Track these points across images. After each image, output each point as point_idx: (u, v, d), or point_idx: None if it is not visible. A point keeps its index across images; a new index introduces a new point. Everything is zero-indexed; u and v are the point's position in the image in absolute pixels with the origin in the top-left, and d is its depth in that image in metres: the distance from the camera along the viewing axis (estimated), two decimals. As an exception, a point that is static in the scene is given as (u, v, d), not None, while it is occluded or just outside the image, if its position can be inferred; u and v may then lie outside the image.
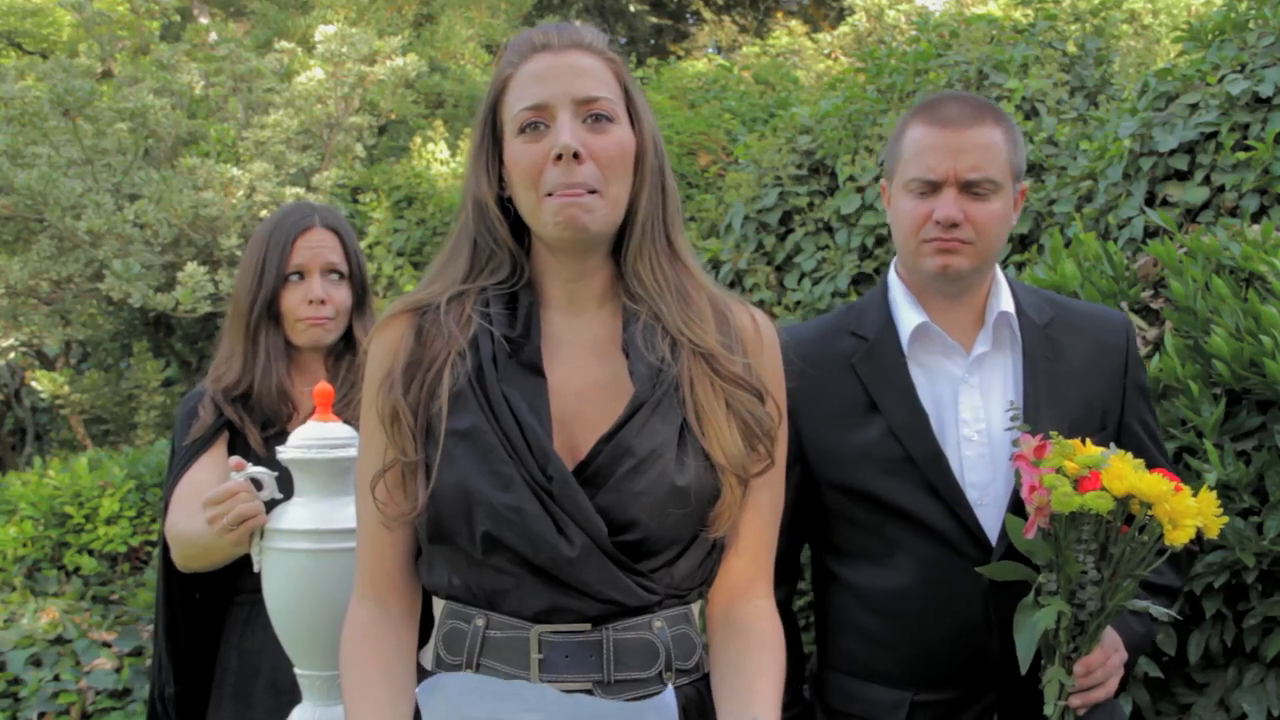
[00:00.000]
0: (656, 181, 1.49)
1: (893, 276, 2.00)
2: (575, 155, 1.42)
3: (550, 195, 1.43)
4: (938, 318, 1.94)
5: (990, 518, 1.88)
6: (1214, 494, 1.70)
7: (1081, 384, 1.92)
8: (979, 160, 1.85)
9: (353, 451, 1.82)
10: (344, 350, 2.38)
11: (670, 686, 1.44)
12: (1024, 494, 1.71)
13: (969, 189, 1.86)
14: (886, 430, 1.89)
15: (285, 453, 1.83)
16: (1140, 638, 1.94)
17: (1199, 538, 1.69)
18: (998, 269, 1.98)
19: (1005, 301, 1.95)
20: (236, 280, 2.39)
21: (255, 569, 1.86)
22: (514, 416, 1.43)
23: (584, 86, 1.42)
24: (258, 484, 1.87)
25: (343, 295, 2.35)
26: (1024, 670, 1.69)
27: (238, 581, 2.26)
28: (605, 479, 1.43)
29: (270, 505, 1.86)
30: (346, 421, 1.88)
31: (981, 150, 1.86)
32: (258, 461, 2.03)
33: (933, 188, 1.87)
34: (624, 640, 1.45)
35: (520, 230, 1.54)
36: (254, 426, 2.28)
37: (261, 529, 1.84)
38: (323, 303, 2.31)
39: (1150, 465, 1.75)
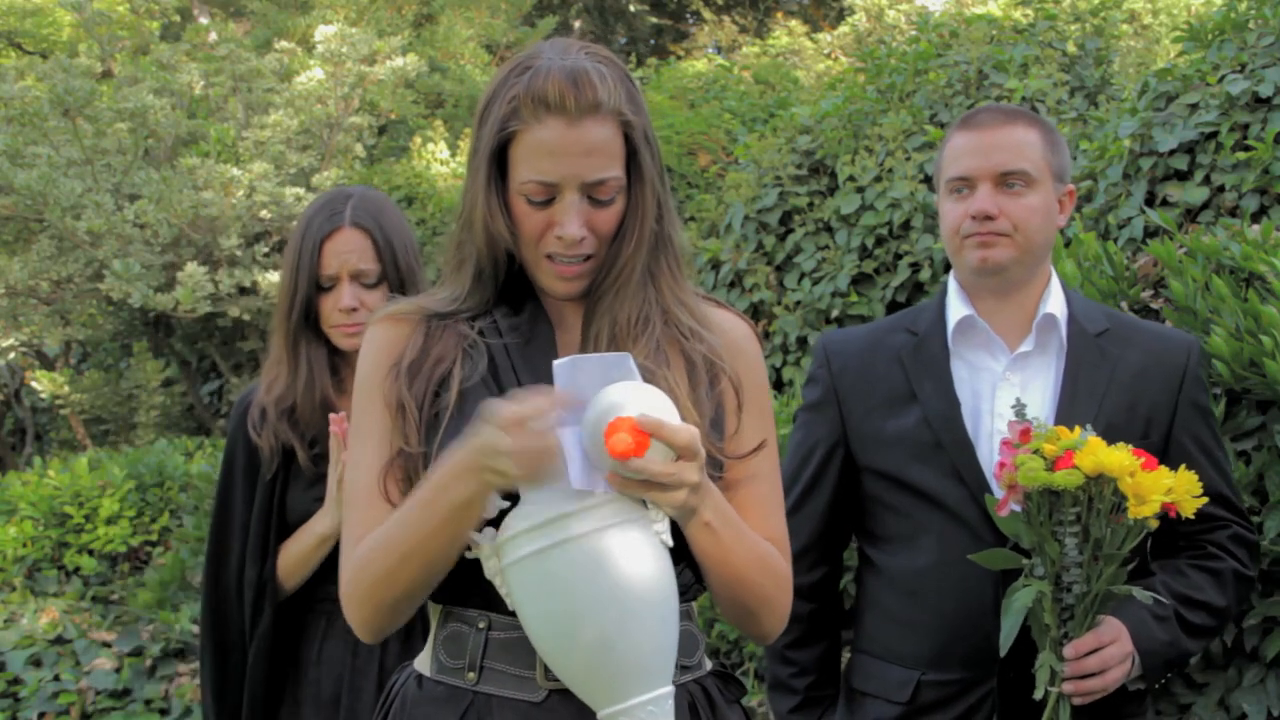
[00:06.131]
0: (649, 239, 1.48)
1: (951, 280, 2.08)
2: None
3: (550, 258, 1.47)
4: (987, 315, 2.01)
5: None
6: (1193, 475, 1.71)
7: (1126, 391, 1.96)
8: (1009, 156, 1.95)
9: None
10: None
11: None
12: (995, 472, 1.76)
13: (1003, 183, 1.95)
14: (922, 418, 1.97)
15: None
16: (1164, 645, 1.90)
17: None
18: (1054, 276, 2.04)
19: (1054, 306, 2.00)
20: (280, 279, 2.33)
21: (503, 592, 1.39)
22: None
23: (593, 168, 1.42)
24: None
25: (376, 299, 2.23)
26: (1003, 652, 1.74)
27: (317, 590, 2.25)
28: None
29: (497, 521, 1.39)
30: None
31: (1012, 147, 1.96)
32: (310, 482, 2.15)
33: (969, 186, 1.96)
34: None
35: None
36: (303, 446, 2.23)
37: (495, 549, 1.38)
38: (354, 309, 2.22)
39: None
